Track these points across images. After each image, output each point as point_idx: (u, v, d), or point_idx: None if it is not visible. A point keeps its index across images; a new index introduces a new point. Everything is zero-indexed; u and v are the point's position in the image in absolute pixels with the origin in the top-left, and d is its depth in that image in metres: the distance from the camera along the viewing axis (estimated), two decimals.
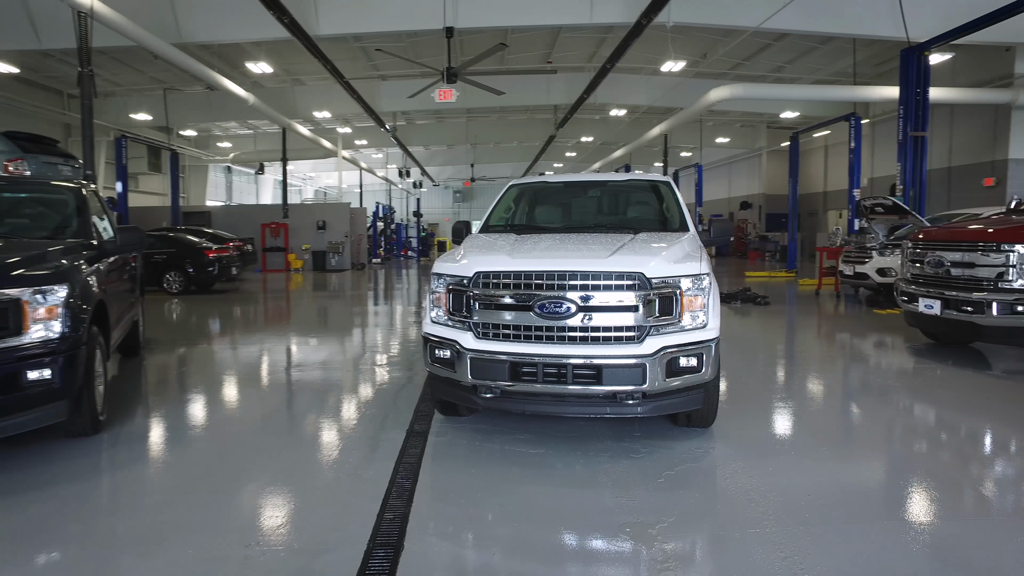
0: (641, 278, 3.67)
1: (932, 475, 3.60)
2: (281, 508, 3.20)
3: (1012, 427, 4.49)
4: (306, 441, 4.28)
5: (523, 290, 3.72)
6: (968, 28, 12.02)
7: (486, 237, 4.76)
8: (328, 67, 13.59)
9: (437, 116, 27.90)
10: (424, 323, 4.20)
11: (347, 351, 7.66)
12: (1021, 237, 5.86)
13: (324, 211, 22.81)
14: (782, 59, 18.83)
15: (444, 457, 3.89)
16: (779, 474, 3.58)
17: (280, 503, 3.27)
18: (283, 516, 3.10)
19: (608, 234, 4.54)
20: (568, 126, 23.95)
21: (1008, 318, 5.83)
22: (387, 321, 10.31)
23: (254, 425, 4.65)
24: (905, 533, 2.89)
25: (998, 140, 16.55)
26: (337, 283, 17.53)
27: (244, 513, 3.15)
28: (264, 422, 4.73)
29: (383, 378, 6.09)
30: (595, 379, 3.65)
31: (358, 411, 4.97)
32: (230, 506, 3.23)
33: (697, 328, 3.80)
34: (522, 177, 5.83)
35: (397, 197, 43.67)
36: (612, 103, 22.45)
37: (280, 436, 4.38)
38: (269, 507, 3.22)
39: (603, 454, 3.90)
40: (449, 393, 4.15)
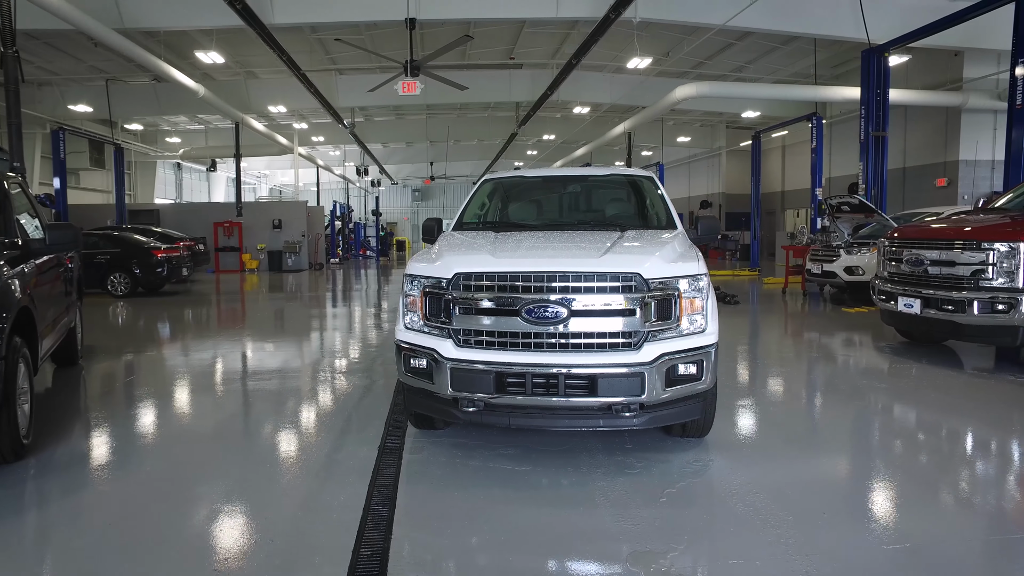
0: (638, 279, 3.37)
1: (957, 489, 3.41)
2: (241, 545, 2.79)
3: (1006, 427, 4.38)
4: (267, 463, 3.84)
5: (508, 293, 3.38)
6: (925, 31, 12.22)
7: (462, 235, 4.41)
8: (284, 58, 12.96)
9: (396, 112, 27.30)
10: (397, 329, 3.82)
11: (306, 357, 7.18)
12: (1001, 235, 5.81)
13: (280, 210, 22.00)
14: (743, 59, 18.96)
15: (422, 478, 3.52)
16: (788, 489, 3.34)
17: (240, 539, 2.85)
18: (243, 555, 2.69)
19: (593, 232, 4.24)
20: (530, 124, 23.70)
21: (988, 316, 5.77)
22: (347, 324, 9.83)
23: (208, 445, 4.18)
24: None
25: (949, 142, 17.00)
26: (294, 284, 16.85)
27: (196, 554, 2.72)
28: (219, 441, 4.27)
29: (347, 387, 5.67)
30: (589, 390, 3.34)
31: (323, 425, 4.55)
32: (180, 546, 2.79)
33: (696, 333, 3.53)
34: (495, 171, 5.48)
35: (355, 196, 42.76)
36: (575, 101, 22.28)
37: (237, 457, 3.94)
38: (227, 544, 2.80)
39: (596, 470, 3.60)
40: (426, 406, 3.79)
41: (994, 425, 4.50)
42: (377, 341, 7.98)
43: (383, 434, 4.23)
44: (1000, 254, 5.76)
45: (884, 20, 13.13)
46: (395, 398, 5.12)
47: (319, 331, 9.21)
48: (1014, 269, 5.69)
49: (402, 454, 3.86)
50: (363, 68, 19.37)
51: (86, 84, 19.54)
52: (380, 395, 5.27)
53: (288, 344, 7.99)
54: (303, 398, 5.33)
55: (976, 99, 15.91)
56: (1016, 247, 5.68)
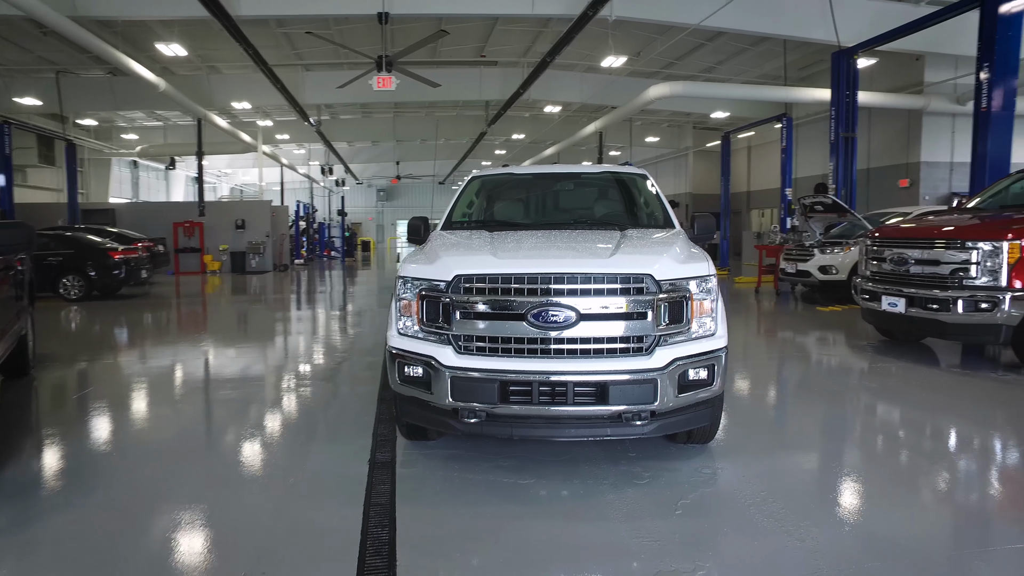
0: (649, 281, 3.21)
1: (980, 498, 3.33)
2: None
3: (1002, 425, 4.37)
4: (246, 483, 3.55)
5: (514, 296, 3.18)
6: (893, 35, 12.47)
7: (454, 235, 4.18)
8: (250, 53, 12.48)
9: (363, 111, 26.79)
10: (389, 335, 3.58)
11: (276, 364, 6.84)
12: (984, 235, 5.84)
13: (243, 209, 21.31)
14: (713, 60, 19.10)
15: (421, 495, 3.29)
16: (805, 497, 3.21)
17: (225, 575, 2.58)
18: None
19: (593, 231, 4.08)
20: (499, 123, 23.51)
21: (972, 315, 5.80)
22: (316, 328, 9.47)
23: (176, 465, 3.86)
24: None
25: (911, 143, 17.42)
26: (259, 286, 16.30)
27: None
28: (189, 460, 3.95)
29: (325, 395, 5.38)
30: (599, 398, 3.16)
31: (304, 438, 4.27)
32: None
33: (706, 336, 3.39)
34: (483, 169, 5.27)
35: (319, 195, 41.91)
36: (545, 100, 22.15)
37: (211, 479, 3.63)
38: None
39: (603, 481, 3.42)
40: (422, 417, 3.55)
41: (992, 424, 4.48)
42: (350, 346, 7.67)
43: (372, 447, 3.98)
44: (984, 253, 5.79)
45: (851, 23, 13.34)
46: (379, 407, 4.87)
47: (288, 335, 8.84)
48: (997, 268, 5.73)
49: (395, 468, 3.62)
50: (331, 64, 18.89)
51: (34, 76, 18.57)
52: (362, 403, 5.00)
53: (256, 350, 7.63)
54: (278, 409, 5.03)
55: (937, 103, 16.32)
56: (999, 246, 5.72)
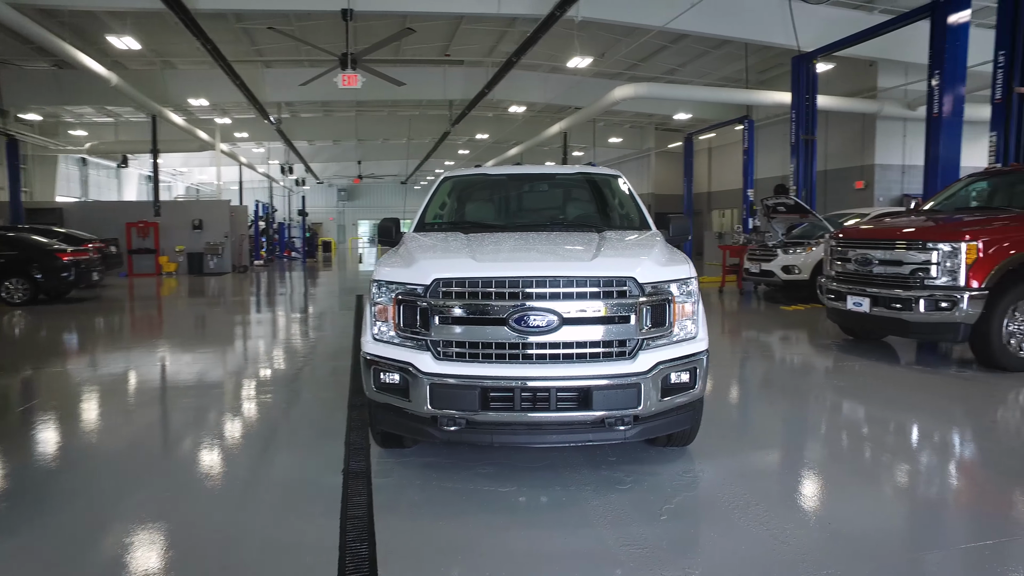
0: (632, 284, 3.17)
1: (973, 497, 3.38)
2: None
3: (968, 420, 4.48)
4: (213, 497, 3.38)
5: (494, 300, 3.10)
6: (850, 41, 12.83)
7: (429, 237, 4.08)
8: (208, 48, 12.08)
9: (324, 109, 26.32)
10: (364, 341, 3.46)
11: (238, 369, 6.60)
12: (943, 236, 6.01)
13: (201, 209, 20.66)
14: (676, 62, 19.35)
15: (399, 506, 3.18)
16: (789, 499, 3.22)
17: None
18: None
19: (571, 233, 4.03)
20: (463, 123, 23.37)
21: (933, 314, 5.96)
22: (280, 332, 9.21)
23: (135, 480, 3.65)
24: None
25: (866, 146, 17.96)
26: (217, 288, 15.82)
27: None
28: (148, 474, 3.75)
29: (292, 402, 5.21)
30: (583, 404, 3.10)
31: (272, 449, 4.11)
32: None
33: (688, 339, 3.37)
34: (455, 169, 5.18)
35: (279, 195, 41.02)
36: (510, 100, 22.11)
37: (175, 492, 3.44)
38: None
39: (585, 487, 3.36)
40: (398, 425, 3.44)
41: (962, 421, 4.61)
42: (312, 350, 7.47)
43: (345, 456, 3.84)
44: (943, 254, 5.95)
45: (809, 29, 13.67)
46: (351, 414, 4.73)
47: (248, 339, 8.57)
48: (956, 268, 5.90)
49: (370, 478, 3.50)
50: (292, 61, 18.47)
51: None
52: (329, 410, 4.85)
53: (215, 355, 7.36)
54: (242, 417, 4.84)
55: (889, 107, 16.86)
56: (958, 247, 5.88)
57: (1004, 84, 9.52)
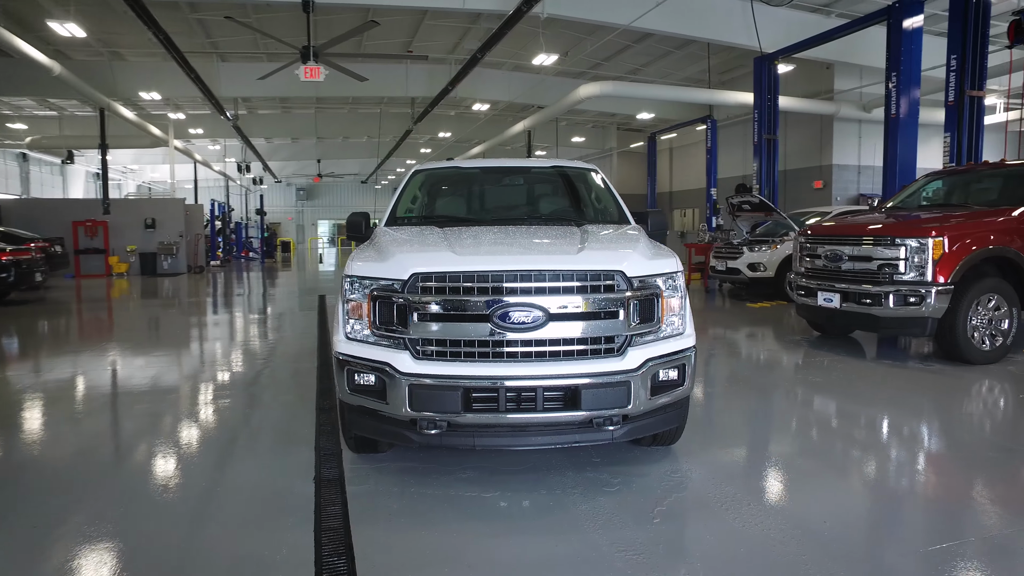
0: (620, 277, 3.06)
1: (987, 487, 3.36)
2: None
3: (937, 412, 4.52)
4: (175, 510, 3.12)
5: (476, 296, 2.94)
6: (810, 43, 13.10)
7: (403, 231, 3.89)
8: (160, 38, 11.54)
9: (283, 105, 25.67)
10: (335, 340, 3.26)
11: (195, 373, 6.27)
12: (911, 232, 6.10)
13: (154, 208, 19.86)
14: (639, 61, 19.47)
15: (377, 515, 2.99)
16: (780, 499, 3.15)
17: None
18: None
19: (551, 227, 3.89)
20: (425, 121, 23.09)
21: (902, 309, 6.04)
22: (236, 333, 8.84)
23: (87, 494, 3.36)
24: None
25: (824, 147, 18.39)
26: (172, 289, 15.21)
27: None
28: (102, 487, 3.46)
29: (255, 406, 4.94)
30: (571, 404, 2.97)
31: (238, 456, 3.85)
32: None
33: (675, 335, 3.27)
34: (426, 162, 4.99)
35: (235, 194, 39.90)
36: (473, 97, 21.94)
37: (133, 505, 3.18)
38: None
39: (572, 491, 3.23)
40: (373, 429, 3.25)
41: (940, 414, 4.65)
42: (276, 351, 7.17)
43: (315, 462, 3.63)
44: (911, 249, 6.04)
45: (770, 31, 13.88)
46: (320, 417, 4.50)
47: (207, 342, 8.19)
48: (923, 263, 5.99)
49: (344, 486, 3.30)
50: (248, 55, 17.92)
51: None
52: (297, 413, 4.61)
53: (170, 359, 6.99)
54: (202, 423, 4.56)
55: (846, 109, 17.28)
56: (924, 243, 5.98)
57: (956, 87, 9.83)
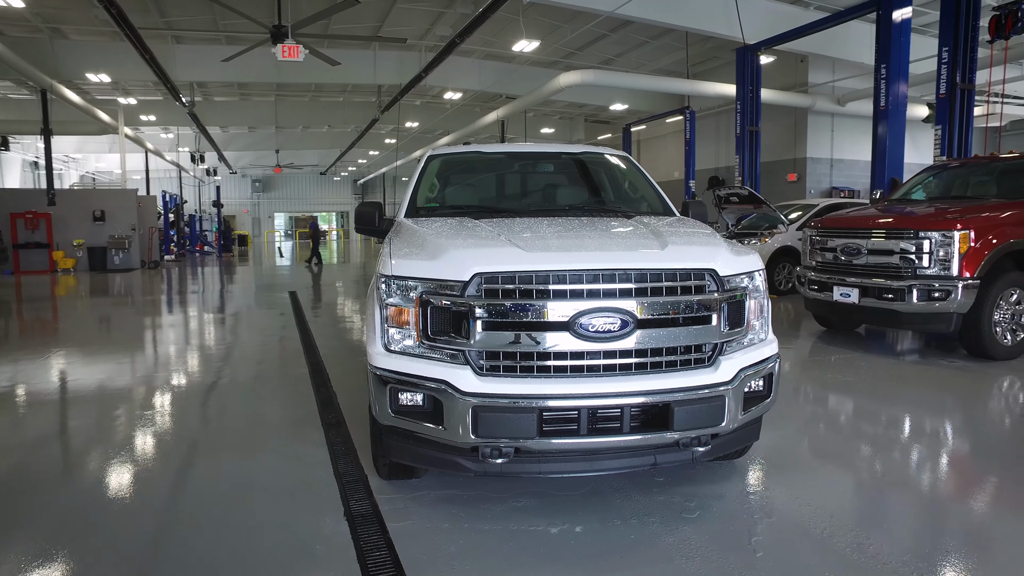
0: (712, 277, 2.65)
1: None
2: None
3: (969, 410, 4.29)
4: (198, 567, 2.59)
5: (554, 300, 2.49)
6: (794, 34, 12.99)
7: (438, 223, 3.38)
8: (112, 12, 10.59)
9: (241, 92, 24.45)
10: (372, 353, 2.76)
11: (160, 379, 5.61)
12: (936, 225, 5.89)
13: (103, 199, 18.57)
14: (614, 51, 19.16)
15: (436, 562, 2.51)
16: (884, 523, 2.80)
17: None
18: None
19: (603, 218, 3.46)
20: (391, 110, 22.33)
21: (926, 304, 5.84)
22: (213, 336, 8.12)
23: (55, 540, 2.79)
24: None
25: (798, 140, 18.45)
26: (124, 286, 14.21)
27: None
28: (88, 522, 2.89)
29: (250, 421, 4.37)
30: (661, 424, 2.56)
31: (249, 485, 3.31)
32: None
33: (760, 342, 2.90)
34: (438, 147, 4.48)
35: (188, 185, 38.18)
36: (443, 86, 21.27)
37: (138, 558, 2.63)
38: None
39: (648, 519, 2.83)
40: (421, 457, 2.78)
41: (991, 415, 4.42)
42: (265, 355, 6.56)
43: (340, 493, 3.12)
44: (936, 243, 5.84)
45: (751, 22, 13.71)
46: (328, 435, 3.99)
47: (178, 346, 7.45)
48: (949, 258, 5.79)
49: (384, 523, 2.81)
50: (206, 37, 16.86)
51: None
52: (301, 432, 4.07)
53: (122, 365, 6.29)
54: (203, 442, 3.97)
55: (821, 102, 17.35)
56: (951, 236, 5.78)
57: (948, 80, 9.78)
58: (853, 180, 18.88)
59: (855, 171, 18.82)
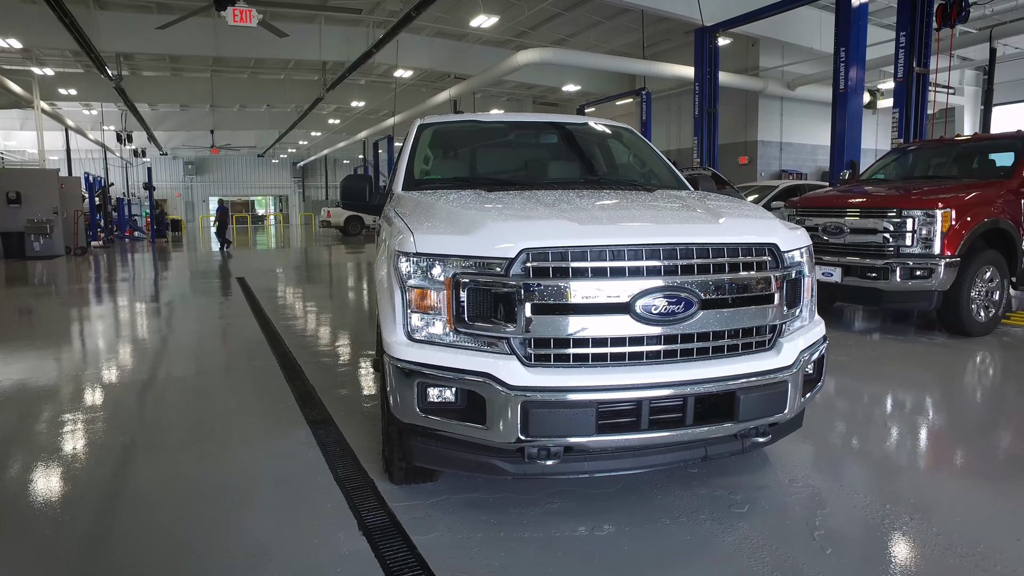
0: (773, 252, 2.42)
1: None
2: None
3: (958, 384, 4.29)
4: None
5: (611, 278, 2.20)
6: (751, 16, 13.02)
7: (451, 195, 3.01)
8: None
9: (173, 67, 22.97)
10: (392, 343, 2.41)
11: (120, 378, 5.04)
12: (920, 204, 5.91)
13: (19, 179, 17.00)
14: (567, 31, 18.91)
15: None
16: (930, 502, 2.67)
17: None
18: None
19: (631, 191, 3.18)
20: (335, 90, 21.42)
21: (909, 282, 5.87)
22: (163, 326, 7.44)
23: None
24: None
25: (749, 123, 18.73)
26: (49, 274, 13.07)
27: None
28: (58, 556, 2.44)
29: (225, 421, 3.93)
30: (726, 414, 2.32)
31: (234, 495, 2.90)
32: None
33: (811, 322, 2.70)
34: (430, 116, 4.10)
35: (116, 167, 35.82)
36: (391, 64, 20.50)
37: None
38: None
39: (698, 516, 2.60)
40: (452, 460, 2.45)
41: (994, 390, 4.42)
42: (226, 347, 6.03)
43: (348, 503, 2.76)
44: (919, 221, 5.86)
45: (708, 2, 13.70)
46: (316, 434, 3.60)
47: (121, 339, 6.77)
48: (932, 236, 5.83)
49: (407, 536, 2.48)
50: (136, 3, 15.62)
51: None
52: (286, 432, 3.67)
53: (69, 360, 5.66)
54: (168, 444, 3.51)
55: (772, 86, 17.63)
56: (933, 215, 5.81)
57: (905, 63, 9.98)
58: (801, 163, 19.36)
59: (803, 154, 19.30)
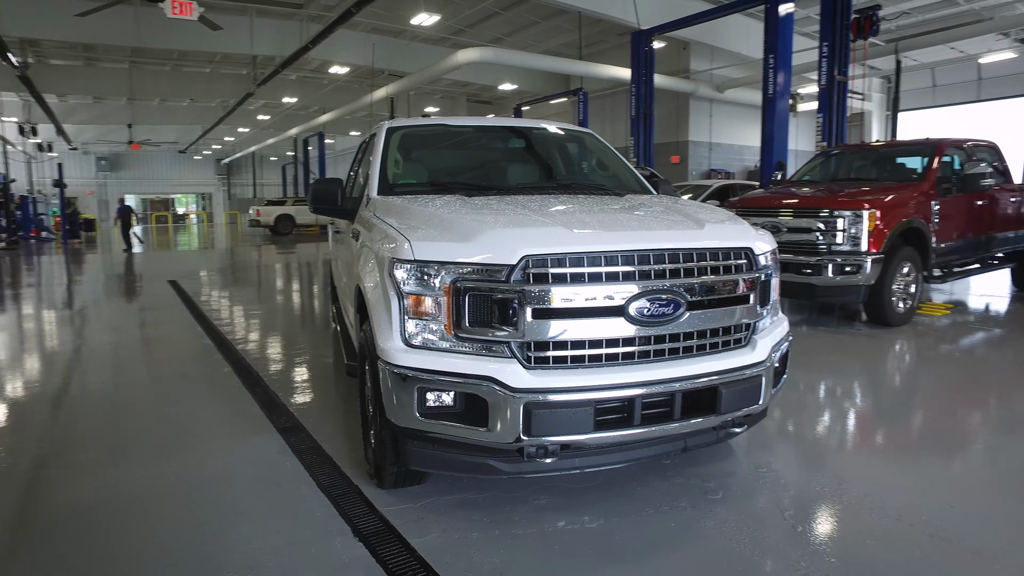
0: (749, 255, 2.60)
1: None
2: None
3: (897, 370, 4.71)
4: None
5: (607, 283, 2.31)
6: (686, 21, 13.54)
7: (437, 200, 3.05)
8: None
9: (86, 56, 21.63)
10: (387, 349, 2.44)
11: (63, 389, 4.79)
12: (849, 205, 6.36)
13: None
14: (504, 30, 19.05)
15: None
16: (891, 482, 2.93)
17: None
18: None
19: (609, 197, 3.32)
20: (266, 85, 20.78)
21: (840, 278, 6.32)
22: (104, 332, 7.05)
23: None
24: None
25: (680, 124, 19.42)
26: None
27: None
28: None
29: (191, 433, 3.81)
30: (709, 408, 2.48)
31: (219, 505, 2.84)
32: None
33: (777, 320, 2.92)
34: (397, 120, 4.10)
35: (18, 162, 33.32)
36: (327, 59, 20.06)
37: None
38: None
39: (678, 504, 2.77)
40: (450, 463, 2.50)
41: (906, 376, 4.83)
42: (174, 354, 5.80)
43: (337, 510, 2.76)
44: (848, 221, 6.31)
45: (644, 6, 14.15)
46: (288, 440, 3.56)
47: (49, 346, 6.38)
48: (859, 235, 6.29)
49: (404, 539, 2.51)
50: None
51: None
52: (253, 442, 3.61)
53: (21, 372, 5.32)
54: (140, 455, 3.38)
55: (703, 89, 18.35)
56: (860, 215, 6.27)
57: (828, 72, 10.66)
58: (728, 163, 20.26)
59: (731, 154, 20.19)
